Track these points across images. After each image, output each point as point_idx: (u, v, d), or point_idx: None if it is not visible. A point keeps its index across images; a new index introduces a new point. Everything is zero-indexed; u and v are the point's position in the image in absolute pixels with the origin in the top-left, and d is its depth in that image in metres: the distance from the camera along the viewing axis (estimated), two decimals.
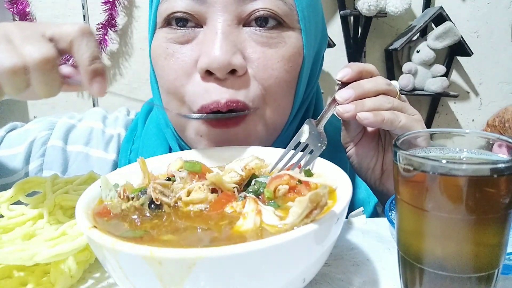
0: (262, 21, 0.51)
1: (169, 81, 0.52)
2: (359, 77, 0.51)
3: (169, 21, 0.52)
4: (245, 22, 0.51)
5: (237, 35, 0.50)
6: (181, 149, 0.60)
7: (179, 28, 0.52)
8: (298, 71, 0.54)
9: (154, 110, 0.67)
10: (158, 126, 0.64)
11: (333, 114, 0.51)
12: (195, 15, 0.51)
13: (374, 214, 0.67)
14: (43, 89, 0.41)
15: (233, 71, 0.49)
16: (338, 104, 0.50)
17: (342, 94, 0.50)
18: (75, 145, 0.66)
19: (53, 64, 0.40)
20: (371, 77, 0.52)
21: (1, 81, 0.39)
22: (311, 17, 0.55)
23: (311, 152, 0.47)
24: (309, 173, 0.43)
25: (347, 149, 0.56)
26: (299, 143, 0.48)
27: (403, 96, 0.53)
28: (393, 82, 1.83)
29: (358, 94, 0.49)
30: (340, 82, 0.52)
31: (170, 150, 0.63)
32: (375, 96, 0.50)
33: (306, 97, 0.60)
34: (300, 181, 0.41)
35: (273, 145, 0.57)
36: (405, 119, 0.49)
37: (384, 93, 0.51)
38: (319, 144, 0.47)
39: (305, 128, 0.49)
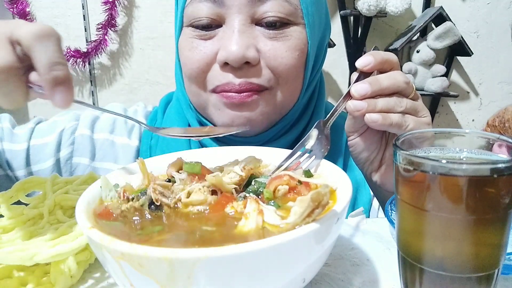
0: (271, 24, 0.58)
1: (192, 69, 0.60)
2: (380, 68, 0.51)
3: (194, 24, 0.60)
4: (257, 22, 0.58)
5: (251, 32, 0.58)
6: (201, 124, 0.68)
7: (203, 30, 0.60)
8: (304, 58, 0.61)
9: (173, 101, 0.74)
10: (178, 111, 0.71)
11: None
12: (216, 18, 0.58)
13: (371, 199, 0.68)
14: (4, 101, 0.38)
15: (247, 62, 0.57)
16: (352, 98, 0.50)
17: (358, 89, 0.49)
18: (101, 133, 0.72)
19: (8, 74, 0.37)
20: (391, 69, 0.52)
21: None
22: (315, 12, 0.61)
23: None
24: (308, 174, 0.43)
25: (349, 138, 0.56)
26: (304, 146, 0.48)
27: (418, 93, 0.53)
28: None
29: (374, 91, 0.49)
30: (358, 71, 0.51)
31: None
32: (390, 94, 0.50)
33: (311, 80, 0.66)
34: (300, 182, 0.41)
35: (279, 123, 0.64)
36: (413, 123, 0.50)
37: (400, 91, 0.51)
38: (322, 150, 0.47)
39: (313, 133, 0.48)
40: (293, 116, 0.65)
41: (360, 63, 0.50)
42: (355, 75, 0.52)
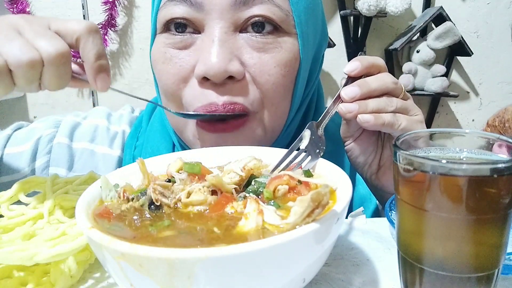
0: (258, 26, 0.52)
1: (166, 84, 0.54)
2: (367, 72, 0.51)
3: (168, 27, 0.54)
4: (242, 28, 0.52)
5: (234, 41, 0.51)
6: (182, 146, 0.61)
7: (177, 34, 0.53)
8: (295, 74, 0.55)
9: (157, 109, 0.68)
10: (163, 123, 0.65)
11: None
12: (193, 21, 0.52)
13: (376, 211, 0.67)
14: (54, 82, 0.42)
15: (230, 77, 0.50)
16: (342, 101, 0.50)
17: (347, 92, 0.49)
18: (80, 142, 0.67)
19: (67, 58, 0.42)
20: (378, 73, 0.52)
21: (16, 73, 0.40)
22: (309, 21, 0.56)
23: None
24: (308, 174, 0.43)
25: (346, 143, 0.56)
26: (299, 147, 0.48)
27: (407, 93, 0.53)
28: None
29: (363, 93, 0.49)
30: (347, 76, 0.52)
31: (173, 146, 0.64)
32: (380, 95, 0.50)
33: (305, 97, 0.61)
34: (300, 181, 0.41)
35: (272, 146, 0.57)
36: (405, 122, 0.50)
37: (390, 92, 0.51)
38: (317, 151, 0.47)
39: (306, 134, 0.48)
40: (285, 140, 0.60)
41: (347, 68, 0.50)
42: (343, 80, 0.52)
